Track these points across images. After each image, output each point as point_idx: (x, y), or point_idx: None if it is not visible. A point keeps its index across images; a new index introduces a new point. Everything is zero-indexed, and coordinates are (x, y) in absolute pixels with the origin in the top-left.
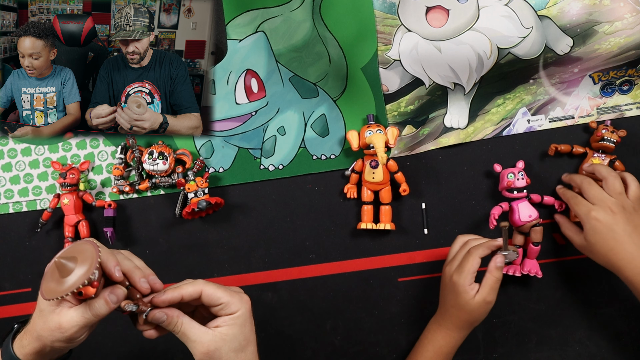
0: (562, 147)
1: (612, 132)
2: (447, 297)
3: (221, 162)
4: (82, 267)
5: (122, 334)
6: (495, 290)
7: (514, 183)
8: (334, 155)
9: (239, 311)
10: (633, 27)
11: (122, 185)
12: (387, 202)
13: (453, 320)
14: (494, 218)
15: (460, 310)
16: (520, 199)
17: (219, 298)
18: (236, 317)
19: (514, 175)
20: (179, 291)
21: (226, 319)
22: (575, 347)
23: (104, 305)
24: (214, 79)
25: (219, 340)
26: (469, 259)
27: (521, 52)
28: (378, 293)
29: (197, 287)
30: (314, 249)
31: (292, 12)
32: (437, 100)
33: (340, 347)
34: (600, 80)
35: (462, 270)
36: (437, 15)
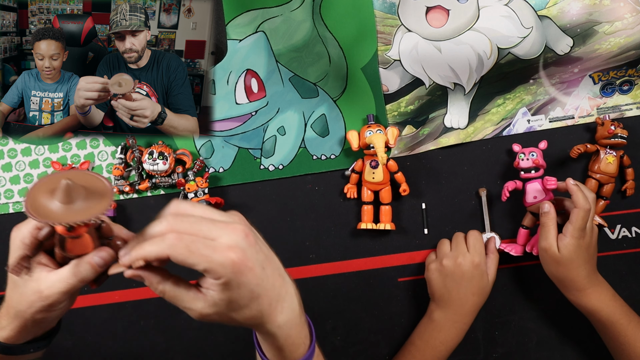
0: (581, 148)
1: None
2: (467, 286)
3: (221, 162)
4: (94, 200)
5: (122, 334)
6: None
7: (519, 163)
8: (334, 155)
9: (222, 278)
10: (633, 27)
11: (122, 185)
12: (387, 202)
13: (471, 309)
14: (507, 190)
15: (480, 296)
16: (531, 180)
17: (193, 265)
18: (221, 284)
19: (524, 155)
20: (141, 252)
21: (212, 283)
22: (575, 347)
23: (89, 270)
24: (214, 79)
25: (211, 306)
26: (480, 241)
27: (521, 52)
28: (378, 293)
29: (161, 248)
30: (314, 249)
31: (292, 12)
32: (437, 100)
33: (340, 347)
34: (600, 80)
35: (479, 252)
36: (437, 15)
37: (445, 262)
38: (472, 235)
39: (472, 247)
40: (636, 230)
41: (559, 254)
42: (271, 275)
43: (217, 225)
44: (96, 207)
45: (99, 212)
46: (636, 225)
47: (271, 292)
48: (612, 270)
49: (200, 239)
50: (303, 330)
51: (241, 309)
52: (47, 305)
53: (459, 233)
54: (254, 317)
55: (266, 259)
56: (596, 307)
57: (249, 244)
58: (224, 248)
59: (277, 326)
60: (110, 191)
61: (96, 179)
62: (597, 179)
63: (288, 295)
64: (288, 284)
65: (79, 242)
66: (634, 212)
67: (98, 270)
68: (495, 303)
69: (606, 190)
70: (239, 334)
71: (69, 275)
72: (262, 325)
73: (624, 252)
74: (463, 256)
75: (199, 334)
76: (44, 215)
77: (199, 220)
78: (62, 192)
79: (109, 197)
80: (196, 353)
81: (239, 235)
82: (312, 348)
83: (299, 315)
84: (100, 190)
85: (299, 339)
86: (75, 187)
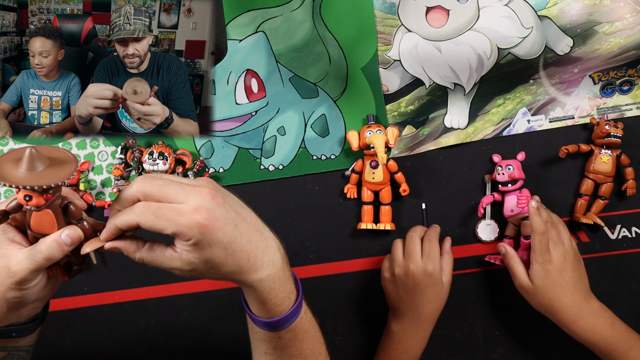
0: (570, 148)
1: (614, 126)
2: (422, 295)
3: (221, 162)
4: (59, 167)
5: (122, 334)
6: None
7: (496, 177)
8: (334, 156)
9: (191, 239)
10: (633, 27)
11: (122, 185)
12: (387, 202)
13: (428, 316)
14: (482, 206)
15: (437, 302)
16: (509, 193)
17: (162, 230)
18: (192, 245)
19: (502, 169)
20: (114, 222)
21: (184, 244)
22: (575, 347)
23: (56, 247)
24: (214, 79)
25: (188, 264)
26: (434, 246)
27: (521, 52)
28: (378, 293)
29: (131, 217)
30: (314, 249)
31: (292, 12)
32: (437, 101)
33: (340, 347)
34: (600, 81)
35: (433, 259)
36: (437, 15)
37: (397, 271)
38: (427, 238)
39: (425, 253)
40: (636, 230)
41: (532, 286)
42: (246, 231)
43: (185, 189)
44: (57, 174)
45: (59, 178)
46: (636, 225)
47: (248, 248)
48: (612, 270)
49: (166, 205)
50: (287, 284)
51: (219, 266)
52: (15, 282)
53: (413, 233)
54: (232, 272)
55: (238, 216)
56: (591, 339)
57: (217, 204)
58: (190, 211)
59: (258, 280)
60: (73, 160)
61: (61, 151)
62: (592, 178)
63: (268, 249)
64: (268, 238)
65: (43, 218)
66: (634, 212)
67: (65, 249)
68: (494, 303)
69: (604, 190)
70: (239, 334)
71: (35, 252)
72: (243, 280)
73: (624, 252)
74: (415, 264)
75: (199, 334)
76: (5, 178)
77: (167, 182)
78: (26, 160)
79: (71, 165)
80: (196, 353)
81: (206, 197)
82: (297, 302)
83: (281, 269)
84: (63, 160)
85: (283, 293)
86: (39, 155)
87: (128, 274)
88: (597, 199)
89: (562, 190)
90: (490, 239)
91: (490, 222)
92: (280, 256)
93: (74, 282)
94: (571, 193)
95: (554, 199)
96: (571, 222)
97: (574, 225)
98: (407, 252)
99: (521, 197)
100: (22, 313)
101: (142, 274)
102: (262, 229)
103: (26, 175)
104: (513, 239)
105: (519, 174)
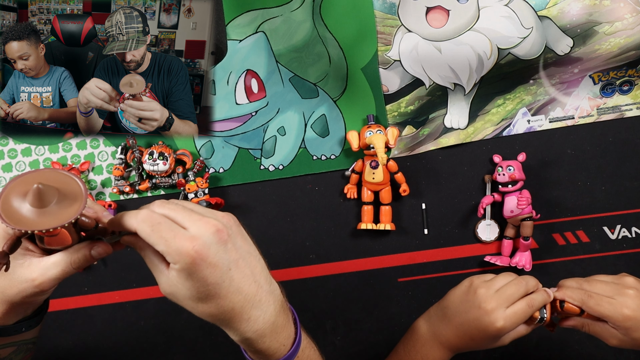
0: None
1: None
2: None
3: (221, 162)
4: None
5: (122, 334)
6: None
7: (496, 177)
8: (334, 156)
9: (177, 264)
10: (633, 28)
11: (122, 185)
12: (387, 203)
13: (458, 344)
14: (482, 207)
15: (476, 343)
16: (509, 193)
17: (153, 244)
18: (177, 270)
19: (502, 170)
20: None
21: (171, 265)
22: (575, 347)
23: (87, 260)
24: (214, 79)
25: (171, 285)
26: (525, 310)
27: (521, 52)
28: (378, 293)
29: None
30: (314, 249)
31: (292, 13)
32: (437, 101)
33: (340, 347)
34: (600, 81)
35: (515, 319)
36: (437, 15)
37: (478, 289)
38: (528, 299)
39: (512, 307)
40: (636, 231)
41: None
42: (239, 279)
43: (193, 217)
44: (68, 211)
45: (71, 216)
46: (636, 225)
47: (235, 297)
48: (612, 270)
49: (167, 223)
50: (282, 334)
51: (199, 301)
52: (39, 292)
53: (508, 274)
54: (213, 315)
55: (236, 261)
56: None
57: (217, 241)
58: (186, 237)
59: (243, 332)
60: (83, 193)
61: (69, 178)
62: None
63: (261, 304)
64: (264, 291)
65: (56, 237)
66: (634, 212)
67: (92, 261)
68: None
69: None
70: None
71: (65, 264)
72: (225, 328)
73: (624, 252)
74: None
75: (199, 334)
76: (17, 221)
77: (179, 208)
78: (34, 197)
79: (82, 199)
80: (196, 353)
81: (208, 230)
82: (294, 347)
83: (272, 324)
84: (73, 191)
85: (276, 343)
86: (48, 190)
87: (128, 274)
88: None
89: (562, 191)
90: (490, 239)
91: (490, 223)
92: (274, 310)
93: (74, 282)
94: (571, 193)
95: (554, 199)
96: (572, 221)
97: (574, 225)
98: (502, 292)
99: (521, 198)
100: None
101: (142, 274)
102: (262, 281)
103: (37, 214)
104: (512, 240)
105: (519, 175)
